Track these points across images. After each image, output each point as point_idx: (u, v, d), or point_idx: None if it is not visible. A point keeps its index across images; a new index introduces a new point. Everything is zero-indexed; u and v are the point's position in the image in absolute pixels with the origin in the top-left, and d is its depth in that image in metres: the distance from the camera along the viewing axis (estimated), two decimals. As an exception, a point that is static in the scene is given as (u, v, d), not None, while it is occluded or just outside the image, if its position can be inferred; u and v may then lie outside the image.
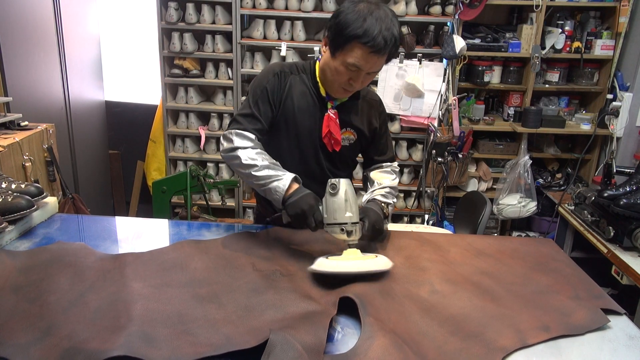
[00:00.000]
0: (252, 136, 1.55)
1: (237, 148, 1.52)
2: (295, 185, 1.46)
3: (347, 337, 1.14)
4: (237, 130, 1.54)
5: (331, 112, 1.63)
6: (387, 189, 1.68)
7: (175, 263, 1.36)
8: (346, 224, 1.36)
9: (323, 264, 1.31)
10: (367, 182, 1.81)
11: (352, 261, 1.32)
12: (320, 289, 1.27)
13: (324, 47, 1.56)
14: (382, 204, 1.61)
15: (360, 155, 1.85)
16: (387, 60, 1.52)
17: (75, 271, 1.28)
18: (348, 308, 1.21)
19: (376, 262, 1.33)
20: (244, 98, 1.68)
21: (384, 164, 1.82)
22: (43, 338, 1.02)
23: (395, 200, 1.71)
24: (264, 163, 1.48)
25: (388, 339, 1.06)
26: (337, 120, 1.64)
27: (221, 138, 1.59)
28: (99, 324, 1.07)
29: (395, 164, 1.85)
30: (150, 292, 1.20)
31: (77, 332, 1.04)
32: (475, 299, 1.29)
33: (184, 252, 1.42)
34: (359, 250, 1.36)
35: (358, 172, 3.39)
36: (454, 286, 1.34)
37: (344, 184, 1.37)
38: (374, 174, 1.79)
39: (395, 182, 1.76)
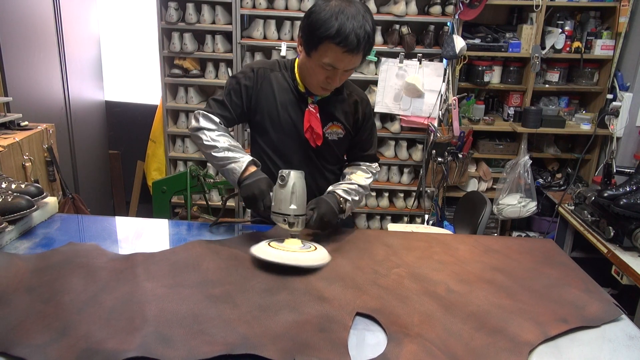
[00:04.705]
0: (217, 119, 1.62)
1: (201, 128, 1.60)
2: (252, 169, 1.52)
3: (369, 338, 1.14)
4: (204, 112, 1.62)
5: (311, 107, 1.65)
6: (355, 186, 1.68)
7: (187, 263, 1.36)
8: (289, 215, 1.41)
9: (261, 250, 1.37)
10: (341, 177, 1.81)
11: (287, 252, 1.36)
12: (333, 290, 1.28)
13: (299, 46, 1.58)
14: (341, 199, 1.63)
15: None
16: (364, 58, 1.53)
17: (88, 272, 1.27)
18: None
19: (311, 256, 1.38)
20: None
21: (362, 163, 1.82)
22: (59, 338, 1.02)
23: (358, 198, 1.69)
24: (224, 145, 1.55)
25: (416, 344, 1.07)
26: (318, 115, 1.66)
27: (192, 116, 1.67)
28: (114, 324, 1.07)
29: (375, 164, 1.84)
30: (164, 293, 1.20)
31: (93, 333, 1.03)
32: (491, 297, 1.30)
33: (195, 253, 1.41)
34: (299, 241, 1.43)
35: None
36: (468, 286, 1.35)
37: (292, 176, 1.41)
38: (348, 170, 1.79)
39: (368, 182, 1.75)
